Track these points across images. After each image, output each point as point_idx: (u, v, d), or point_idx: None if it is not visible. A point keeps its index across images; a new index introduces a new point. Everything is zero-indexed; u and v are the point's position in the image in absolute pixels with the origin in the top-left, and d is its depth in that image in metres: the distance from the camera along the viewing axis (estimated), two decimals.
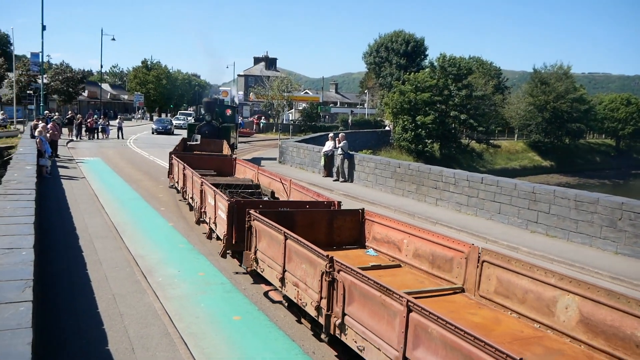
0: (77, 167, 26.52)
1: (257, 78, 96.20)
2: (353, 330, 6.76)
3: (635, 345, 6.03)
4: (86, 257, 11.78)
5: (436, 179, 21.04)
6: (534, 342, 6.68)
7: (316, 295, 7.57)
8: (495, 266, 8.00)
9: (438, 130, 61.32)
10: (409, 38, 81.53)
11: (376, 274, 8.41)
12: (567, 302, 6.86)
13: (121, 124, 51.72)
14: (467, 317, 7.41)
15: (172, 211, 17.66)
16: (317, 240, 9.60)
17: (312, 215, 10.85)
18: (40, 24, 46.35)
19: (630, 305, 6.13)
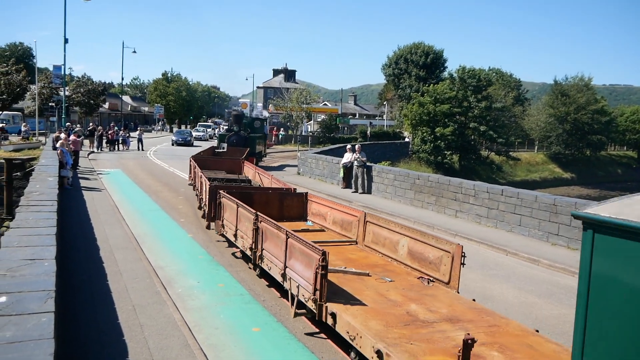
0: (98, 179, 26.78)
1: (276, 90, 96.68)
2: (266, 258, 10.82)
3: (429, 262, 9.86)
4: (107, 268, 11.87)
5: (456, 190, 20.93)
6: (380, 266, 10.64)
7: (250, 240, 11.64)
8: (372, 224, 11.88)
9: (457, 141, 61.06)
10: (428, 50, 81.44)
11: (304, 234, 11.24)
12: (403, 242, 10.70)
13: (142, 135, 52.22)
14: (347, 255, 11.36)
15: (191, 222, 17.74)
16: (271, 214, 12.86)
17: (267, 196, 14.68)
18: (63, 37, 47.05)
19: (428, 239, 9.96)
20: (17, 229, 9.76)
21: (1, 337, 5.25)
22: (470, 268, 14.02)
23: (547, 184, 70.45)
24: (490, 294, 11.95)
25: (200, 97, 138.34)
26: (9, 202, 26.95)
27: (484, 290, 12.24)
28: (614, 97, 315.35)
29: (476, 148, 68.61)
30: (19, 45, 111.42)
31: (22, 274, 7.15)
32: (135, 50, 75.45)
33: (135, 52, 75.71)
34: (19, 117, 57.73)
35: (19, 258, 7.82)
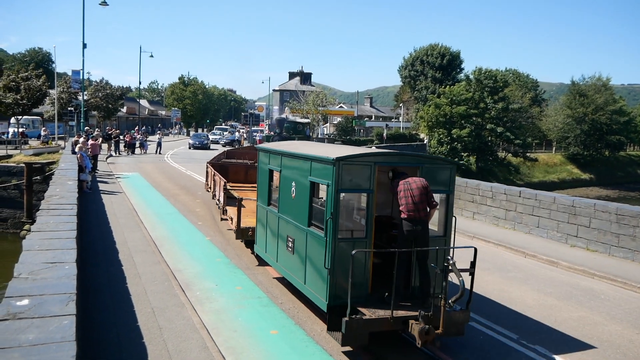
0: (116, 182, 27.00)
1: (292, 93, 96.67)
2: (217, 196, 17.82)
3: None
4: (126, 271, 11.97)
5: (473, 192, 20.83)
6: None
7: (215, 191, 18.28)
8: None
9: (474, 143, 60.71)
10: (445, 51, 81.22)
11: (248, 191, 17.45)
12: None
13: (161, 139, 52.58)
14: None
15: (209, 225, 17.83)
16: (239, 180, 20.49)
17: (237, 167, 21.11)
18: (81, 42, 47.47)
19: None
20: (38, 233, 9.87)
21: (24, 339, 5.32)
22: (488, 270, 13.96)
23: (565, 185, 69.78)
24: (509, 297, 11.88)
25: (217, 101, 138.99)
26: (29, 205, 27.33)
27: (502, 292, 12.17)
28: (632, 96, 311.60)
29: (493, 149, 68.13)
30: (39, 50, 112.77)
31: (44, 277, 7.23)
32: (152, 55, 75.95)
33: (153, 56, 76.14)
34: (38, 122, 58.22)
35: (41, 261, 7.91)
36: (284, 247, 10.52)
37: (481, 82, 64.55)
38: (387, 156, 9.69)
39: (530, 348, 9.22)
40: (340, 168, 8.55)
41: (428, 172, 9.24)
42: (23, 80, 46.99)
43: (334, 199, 8.51)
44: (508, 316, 10.67)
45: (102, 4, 46.72)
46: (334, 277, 8.50)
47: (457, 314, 8.63)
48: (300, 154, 10.11)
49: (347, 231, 9.37)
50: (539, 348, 9.23)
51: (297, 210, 9.94)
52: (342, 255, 8.47)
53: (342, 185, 8.61)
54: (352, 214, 10.35)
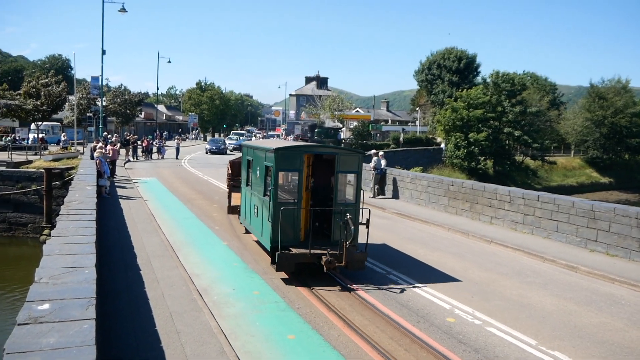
0: (134, 187, 27.20)
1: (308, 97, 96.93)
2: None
3: None
4: (144, 275, 12.05)
5: (490, 196, 20.72)
6: None
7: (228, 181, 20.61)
8: None
9: (491, 147, 60.43)
10: (461, 55, 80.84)
11: None
12: None
13: (179, 144, 52.96)
14: None
15: (226, 230, 17.90)
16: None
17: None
18: (100, 49, 48.03)
19: None
20: (58, 238, 9.97)
21: (45, 343, 5.38)
22: (506, 275, 13.88)
23: (584, 189, 69.08)
24: (528, 302, 11.80)
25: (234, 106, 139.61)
26: (49, 210, 27.61)
27: (520, 297, 12.09)
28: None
29: (511, 153, 67.75)
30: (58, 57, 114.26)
31: (64, 281, 7.31)
32: (170, 60, 76.93)
33: (170, 62, 76.83)
34: (58, 127, 58.85)
35: (61, 266, 7.99)
36: (253, 213, 14.79)
37: (498, 85, 64.28)
38: (312, 147, 14.88)
39: (549, 354, 9.14)
40: (278, 155, 12.74)
41: (342, 159, 13.21)
42: (43, 86, 47.52)
43: (275, 175, 12.68)
44: (527, 321, 10.59)
45: (121, 11, 47.24)
46: (275, 227, 12.46)
47: (358, 254, 12.59)
48: (261, 147, 14.44)
49: (285, 197, 13.18)
50: (558, 354, 9.15)
51: (259, 186, 14.10)
52: (283, 214, 12.30)
53: (279, 166, 12.79)
54: (290, 186, 13.80)
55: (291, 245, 12.63)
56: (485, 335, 9.79)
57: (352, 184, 13.50)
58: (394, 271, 13.70)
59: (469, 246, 17.26)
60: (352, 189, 13.44)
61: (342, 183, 13.61)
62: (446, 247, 16.88)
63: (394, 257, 15.20)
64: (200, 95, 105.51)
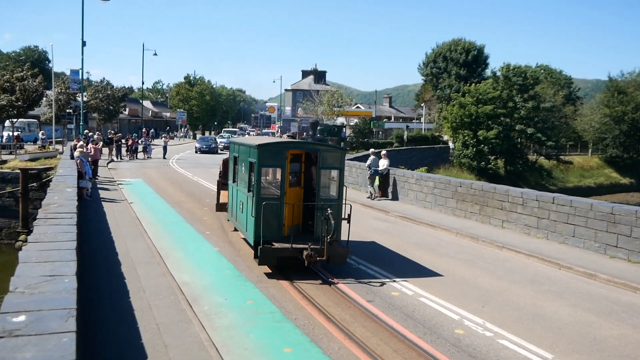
0: (118, 189, 27.15)
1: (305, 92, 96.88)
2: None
3: None
4: (129, 284, 12.00)
5: (502, 199, 20.70)
6: None
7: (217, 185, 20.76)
8: None
9: (502, 145, 60.42)
10: (469, 46, 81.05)
11: None
12: None
13: (167, 142, 52.93)
14: None
15: (217, 235, 17.86)
16: None
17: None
18: (81, 40, 47.88)
19: None
20: (35, 244, 9.92)
21: (21, 358, 5.33)
22: (519, 283, 13.85)
23: (603, 190, 69.21)
24: (542, 312, 11.77)
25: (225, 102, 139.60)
26: (25, 214, 27.54)
27: (535, 307, 12.06)
28: None
29: (523, 152, 67.81)
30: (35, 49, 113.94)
31: (42, 291, 7.26)
32: (156, 53, 76.35)
33: (156, 54, 76.52)
34: (34, 125, 58.72)
35: (38, 274, 7.94)
36: (239, 209, 15.85)
37: (510, 79, 64.32)
38: (295, 144, 16.38)
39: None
40: (261, 151, 13.79)
41: (325, 155, 14.26)
42: (18, 80, 47.48)
43: (258, 171, 13.70)
44: (542, 333, 10.56)
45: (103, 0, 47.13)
46: (258, 222, 13.46)
47: (340, 249, 13.65)
48: (245, 144, 15.72)
49: (269, 193, 14.28)
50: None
51: (244, 182, 15.06)
52: (265, 208, 13.38)
53: (263, 162, 13.82)
54: (273, 182, 14.88)
55: (274, 240, 13.65)
56: (497, 349, 9.76)
57: (335, 179, 14.59)
58: (398, 279, 13.67)
59: (479, 252, 17.24)
60: (335, 184, 14.53)
61: (325, 179, 14.72)
62: (454, 253, 16.85)
63: (399, 264, 15.18)
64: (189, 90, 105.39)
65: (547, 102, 65.08)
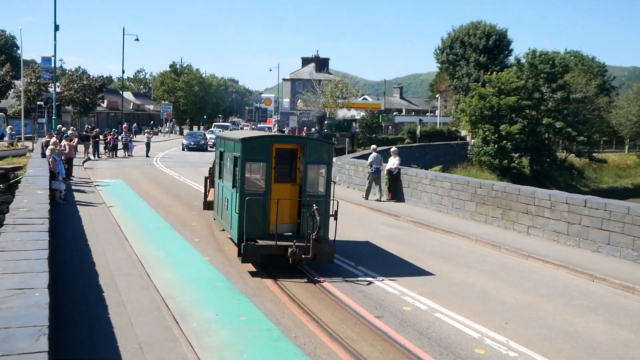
0: (96, 191, 27.15)
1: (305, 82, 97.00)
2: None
3: None
4: (107, 298, 11.98)
5: (527, 201, 20.67)
6: None
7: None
8: None
9: (527, 141, 60.40)
10: (490, 30, 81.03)
11: None
12: None
13: (150, 138, 52.93)
14: None
15: (207, 242, 17.86)
16: None
17: None
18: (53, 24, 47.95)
19: None
20: (2, 253, 9.92)
21: None
22: (547, 297, 13.83)
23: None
24: (573, 329, 11.74)
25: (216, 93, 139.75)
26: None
27: (565, 324, 12.03)
28: None
29: (551, 149, 67.75)
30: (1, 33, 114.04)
31: (10, 306, 7.25)
32: (137, 38, 76.38)
33: (138, 39, 76.55)
34: (1, 119, 58.56)
35: (6, 287, 7.94)
36: (224, 206, 16.83)
37: (536, 67, 64.32)
38: (280, 137, 19.02)
39: None
40: (245, 145, 14.88)
41: (311, 149, 15.30)
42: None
43: (242, 166, 14.75)
44: (573, 353, 10.53)
45: None
46: (242, 219, 14.48)
47: (327, 247, 14.76)
48: (230, 137, 17.02)
49: (254, 188, 15.30)
50: None
51: (229, 177, 16.18)
52: (247, 204, 14.38)
53: (247, 156, 14.84)
54: (259, 177, 15.73)
55: (259, 237, 14.70)
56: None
57: (322, 175, 15.71)
58: (410, 292, 13.65)
59: (502, 262, 17.22)
60: (323, 180, 15.64)
61: (312, 174, 15.68)
62: (474, 263, 16.83)
63: (411, 275, 15.16)
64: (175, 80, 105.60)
65: (577, 92, 65.05)
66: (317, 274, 14.63)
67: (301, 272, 14.68)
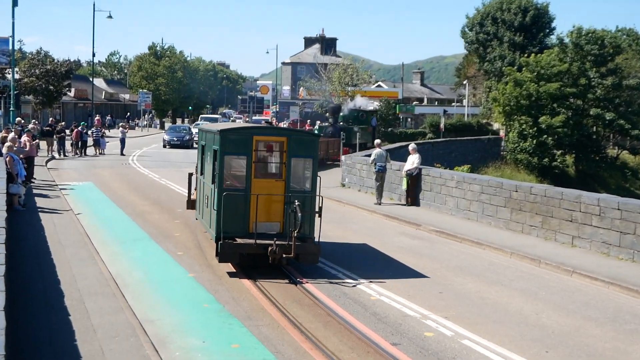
0: (61, 196, 27.16)
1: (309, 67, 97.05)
2: None
3: None
4: (74, 322, 11.96)
5: (572, 207, 20.60)
6: None
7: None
8: None
9: (572, 136, 60.26)
10: (527, 4, 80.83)
11: None
12: None
13: (126, 133, 52.91)
14: None
15: (193, 256, 17.86)
16: None
17: None
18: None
19: None
20: None
21: None
22: (595, 321, 13.78)
23: None
24: (628, 359, 11.70)
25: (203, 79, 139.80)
26: None
27: (616, 353, 11.99)
28: None
29: (600, 145, 67.57)
30: None
31: None
32: (111, 15, 76.55)
33: (111, 17, 76.71)
34: None
35: None
36: (205, 204, 18.05)
37: (582, 47, 64.13)
38: (262, 129, 20.93)
39: None
40: (223, 137, 16.12)
41: (295, 142, 16.53)
42: None
43: (221, 159, 15.99)
44: None
45: None
46: (220, 216, 15.62)
47: (311, 246, 16.08)
48: (210, 130, 18.54)
49: (233, 183, 16.58)
50: None
51: (209, 172, 17.33)
52: (225, 200, 15.49)
53: (225, 149, 16.05)
54: (239, 172, 16.89)
55: (238, 236, 15.99)
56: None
57: (308, 169, 16.96)
58: (432, 315, 13.62)
59: (542, 279, 17.16)
60: (309, 175, 16.95)
61: (297, 169, 16.99)
62: (509, 280, 16.80)
63: (433, 295, 15.13)
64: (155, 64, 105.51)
65: (632, 78, 64.83)
66: (324, 294, 14.62)
67: (305, 292, 14.65)
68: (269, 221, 16.41)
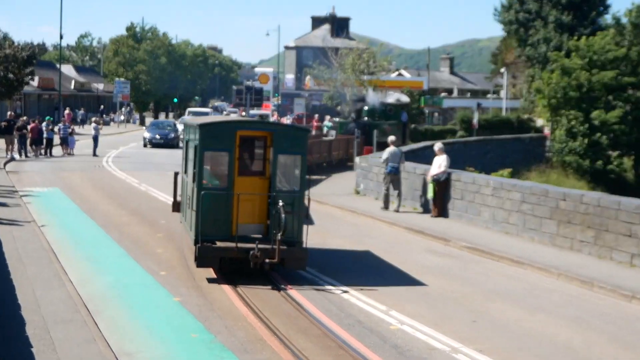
0: (22, 204, 27.21)
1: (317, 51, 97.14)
2: None
3: None
4: (38, 354, 11.96)
5: (631, 219, 20.55)
6: None
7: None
8: None
9: (630, 134, 60.09)
10: None
11: None
12: None
13: (99, 131, 52.96)
14: None
15: (178, 276, 17.86)
16: None
17: None
18: None
19: None
20: None
21: None
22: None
23: None
24: None
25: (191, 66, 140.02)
26: None
27: None
28: None
29: None
30: None
31: None
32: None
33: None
34: None
35: None
36: (187, 205, 18.90)
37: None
38: (246, 123, 21.94)
39: None
40: (204, 132, 17.12)
41: (282, 137, 17.58)
42: None
43: (200, 155, 16.92)
44: None
45: None
46: (198, 218, 16.52)
47: (298, 251, 17.12)
48: (192, 124, 19.57)
49: (213, 182, 17.91)
50: None
51: (191, 170, 18.00)
52: (204, 200, 16.49)
53: (205, 145, 17.06)
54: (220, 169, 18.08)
55: (219, 239, 16.96)
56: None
57: (297, 167, 17.94)
58: (464, 348, 13.58)
59: (595, 305, 17.13)
60: (297, 174, 17.91)
61: (284, 167, 18.16)
62: (555, 307, 16.76)
63: (464, 324, 15.09)
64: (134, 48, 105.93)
65: None
66: (334, 322, 14.58)
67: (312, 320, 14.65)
68: (252, 223, 17.53)
